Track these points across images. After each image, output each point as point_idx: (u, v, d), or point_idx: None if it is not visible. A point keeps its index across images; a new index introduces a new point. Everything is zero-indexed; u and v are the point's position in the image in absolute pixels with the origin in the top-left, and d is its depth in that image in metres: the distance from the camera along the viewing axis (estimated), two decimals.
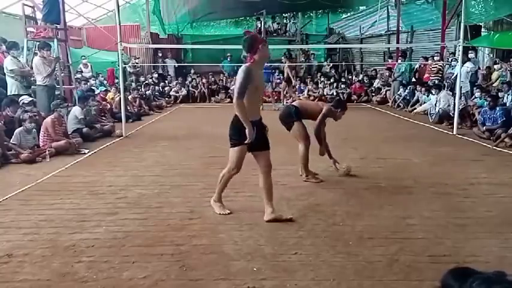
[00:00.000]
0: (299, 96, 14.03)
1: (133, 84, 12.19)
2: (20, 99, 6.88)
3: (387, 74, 13.59)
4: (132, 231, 3.38)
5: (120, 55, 7.76)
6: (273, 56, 17.14)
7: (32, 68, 7.53)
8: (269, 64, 13.04)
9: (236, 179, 4.83)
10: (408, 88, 11.96)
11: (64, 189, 4.47)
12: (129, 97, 10.51)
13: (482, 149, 6.53)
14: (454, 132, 7.75)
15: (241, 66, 3.49)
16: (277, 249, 3.04)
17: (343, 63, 16.89)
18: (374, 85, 14.23)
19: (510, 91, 8.35)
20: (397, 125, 9.08)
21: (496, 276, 0.85)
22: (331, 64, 16.44)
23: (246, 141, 3.39)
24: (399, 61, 12.99)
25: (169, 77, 14.81)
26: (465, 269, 0.92)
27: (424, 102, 10.68)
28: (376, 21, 16.06)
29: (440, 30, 13.05)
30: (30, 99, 6.99)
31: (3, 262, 2.86)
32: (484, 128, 7.38)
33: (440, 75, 11.29)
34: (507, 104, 8.05)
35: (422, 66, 12.34)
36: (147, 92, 12.11)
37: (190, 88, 14.17)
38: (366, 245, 3.10)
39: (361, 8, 18.63)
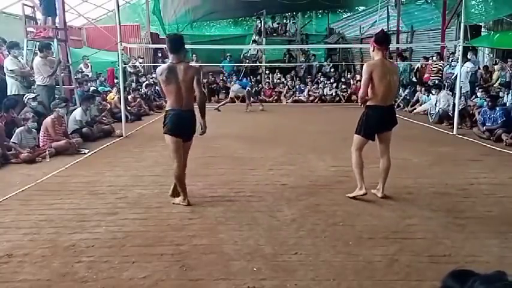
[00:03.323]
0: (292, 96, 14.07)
1: (134, 84, 12.19)
2: (25, 96, 6.92)
3: None
4: (132, 231, 3.38)
5: (120, 55, 7.76)
6: (273, 56, 17.25)
7: (32, 68, 7.54)
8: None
9: (235, 179, 4.85)
10: (408, 88, 11.96)
11: (64, 189, 4.47)
12: (129, 97, 10.52)
13: (482, 149, 6.53)
14: (454, 132, 7.75)
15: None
16: (277, 249, 3.04)
17: (343, 63, 16.89)
18: None
19: (510, 91, 8.35)
20: (397, 125, 9.07)
21: (496, 276, 0.86)
22: (331, 64, 16.44)
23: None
24: (397, 62, 13.01)
25: None
26: (466, 271, 0.93)
27: (424, 102, 10.68)
28: (376, 21, 16.04)
29: (440, 30, 13.05)
30: (34, 95, 7.04)
31: (3, 262, 2.86)
32: (484, 128, 7.39)
33: (440, 75, 11.29)
34: (507, 104, 8.05)
35: (423, 66, 12.34)
36: (148, 92, 12.12)
37: None
38: (366, 245, 3.11)
39: (361, 8, 18.63)
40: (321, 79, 14.61)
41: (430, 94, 10.15)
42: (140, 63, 14.18)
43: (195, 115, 3.96)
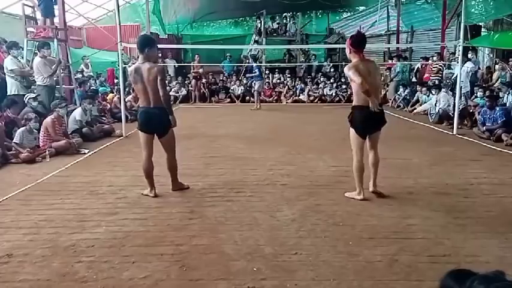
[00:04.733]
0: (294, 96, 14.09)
1: None
2: (25, 96, 6.93)
3: (386, 74, 13.63)
4: (132, 231, 3.38)
5: (120, 55, 7.76)
6: (273, 56, 17.23)
7: (32, 68, 7.54)
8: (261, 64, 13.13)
9: (236, 179, 4.86)
10: (408, 88, 11.97)
11: (64, 189, 4.47)
12: (130, 97, 10.51)
13: (482, 149, 6.53)
14: (454, 132, 7.75)
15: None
16: (277, 249, 3.04)
17: (343, 63, 16.88)
18: None
19: (510, 91, 8.34)
20: (397, 125, 9.09)
21: (494, 275, 0.86)
22: (331, 64, 16.44)
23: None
24: (394, 62, 13.05)
25: (169, 77, 14.81)
26: (464, 270, 0.93)
27: (424, 102, 10.67)
28: (376, 21, 16.05)
29: (440, 30, 13.06)
30: (35, 95, 7.05)
31: (3, 262, 2.86)
32: (484, 128, 7.39)
33: (440, 75, 11.29)
34: (507, 104, 8.05)
35: (423, 66, 12.35)
36: None
37: (190, 88, 14.17)
38: (366, 245, 3.10)
39: (361, 8, 18.64)
40: (321, 79, 14.61)
41: (430, 94, 10.15)
42: None
43: (164, 112, 4.09)
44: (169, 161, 4.35)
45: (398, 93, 12.20)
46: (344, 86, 14.20)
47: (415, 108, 10.94)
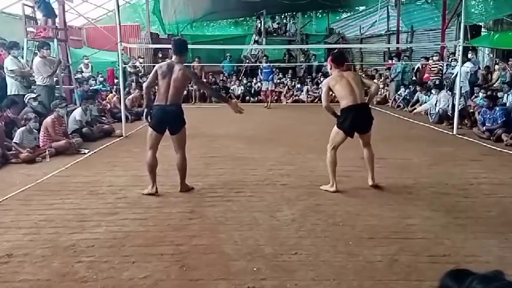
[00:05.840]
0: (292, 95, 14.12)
1: (134, 85, 12.18)
2: (26, 96, 6.93)
3: (387, 74, 13.65)
4: (132, 231, 3.38)
5: (120, 55, 7.76)
6: (274, 56, 17.26)
7: (31, 68, 7.54)
8: (269, 64, 13.11)
9: (236, 179, 4.86)
10: (409, 88, 11.97)
11: (64, 189, 4.47)
12: (131, 96, 10.51)
13: (482, 149, 6.53)
14: (454, 132, 7.75)
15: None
16: (277, 249, 3.04)
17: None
18: None
19: (510, 91, 8.34)
20: (397, 125, 9.09)
21: (493, 275, 0.86)
22: None
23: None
24: (394, 62, 13.06)
25: None
26: (463, 270, 0.93)
27: (424, 102, 10.67)
28: (376, 21, 16.06)
29: (440, 30, 13.06)
30: (35, 95, 7.05)
31: (3, 262, 2.86)
32: (484, 128, 7.39)
33: (440, 76, 11.29)
34: (507, 104, 8.04)
35: (423, 66, 12.35)
36: None
37: (190, 88, 14.15)
38: (366, 245, 3.10)
39: (361, 8, 18.64)
40: (321, 79, 14.60)
41: (430, 94, 10.14)
42: (140, 63, 14.18)
43: (180, 110, 4.21)
44: (180, 160, 4.34)
45: (399, 93, 12.20)
46: None
47: (415, 108, 10.93)
